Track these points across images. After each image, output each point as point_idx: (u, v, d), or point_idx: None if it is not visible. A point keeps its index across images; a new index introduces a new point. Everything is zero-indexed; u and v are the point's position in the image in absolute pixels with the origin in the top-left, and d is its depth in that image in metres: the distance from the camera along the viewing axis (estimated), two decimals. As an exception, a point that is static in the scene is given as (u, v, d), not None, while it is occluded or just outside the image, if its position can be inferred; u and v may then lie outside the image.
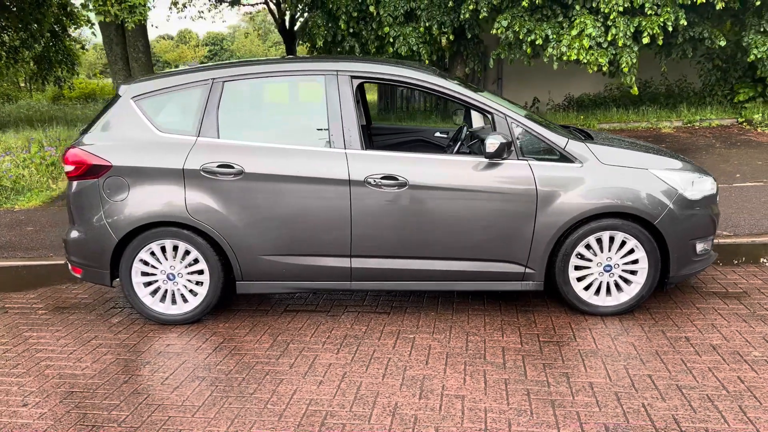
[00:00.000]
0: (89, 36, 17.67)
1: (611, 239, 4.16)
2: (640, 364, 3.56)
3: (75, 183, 4.27)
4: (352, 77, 4.19)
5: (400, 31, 11.80)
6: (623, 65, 10.26)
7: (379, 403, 3.22)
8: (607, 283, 4.24)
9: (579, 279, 4.24)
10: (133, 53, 13.19)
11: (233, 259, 4.21)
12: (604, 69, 10.48)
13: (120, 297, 4.89)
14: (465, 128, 4.74)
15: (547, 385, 3.37)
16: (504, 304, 4.50)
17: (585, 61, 10.22)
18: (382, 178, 4.06)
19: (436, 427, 3.00)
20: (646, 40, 10.07)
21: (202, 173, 4.10)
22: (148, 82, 4.33)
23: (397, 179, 4.06)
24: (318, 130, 4.21)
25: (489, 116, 4.15)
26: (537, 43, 10.50)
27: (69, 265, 4.50)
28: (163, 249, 4.24)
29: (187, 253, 4.24)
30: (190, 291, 4.31)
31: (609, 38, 10.11)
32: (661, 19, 9.95)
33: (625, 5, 9.96)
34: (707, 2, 10.35)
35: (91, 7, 8.33)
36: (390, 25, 11.78)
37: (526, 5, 10.09)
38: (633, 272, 4.21)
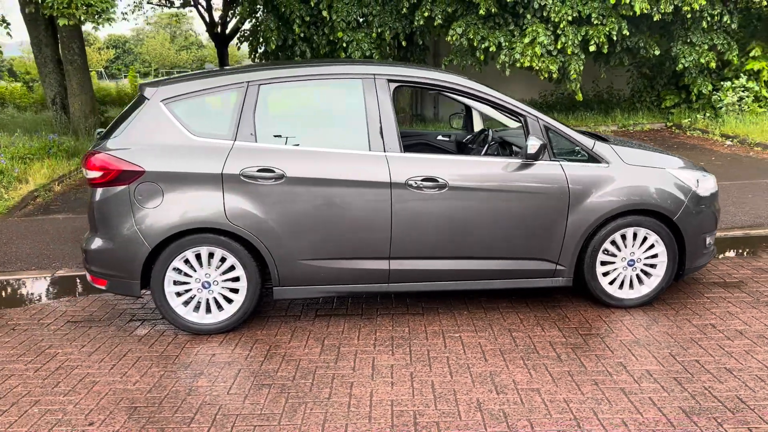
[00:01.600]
0: None
1: (634, 235, 4.40)
2: (683, 350, 3.80)
3: (100, 190, 4.07)
4: (389, 81, 4.23)
5: (353, 37, 11.86)
6: (572, 72, 10.79)
7: (461, 401, 3.28)
8: (630, 277, 4.48)
9: (604, 274, 4.46)
10: (67, 55, 12.56)
11: (271, 264, 4.14)
12: (555, 75, 10.97)
13: (136, 308, 4.68)
14: (489, 131, 4.87)
15: (608, 374, 3.54)
16: (529, 300, 4.66)
17: (537, 67, 10.66)
18: (422, 180, 4.12)
19: (528, 419, 3.09)
20: (593, 48, 10.63)
21: (242, 178, 4.02)
22: (177, 84, 4.18)
23: (437, 181, 4.14)
24: (357, 133, 4.21)
25: (522, 119, 4.30)
26: (490, 50, 10.85)
27: (89, 275, 4.27)
28: (198, 256, 4.11)
29: (222, 260, 4.13)
30: (225, 298, 4.21)
31: (559, 46, 10.59)
32: (607, 29, 10.54)
33: (574, 15, 10.48)
34: (645, 14, 11.05)
35: (55, 9, 7.87)
36: (343, 30, 11.82)
37: (483, 13, 10.41)
38: (652, 266, 4.48)
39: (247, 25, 15.39)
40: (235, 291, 4.20)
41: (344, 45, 11.94)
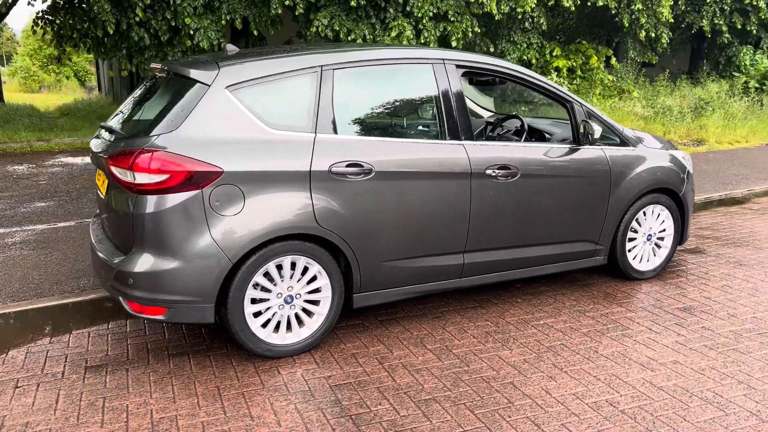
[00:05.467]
0: None
1: (651, 211, 4.81)
2: (736, 311, 4.27)
3: (155, 197, 3.27)
4: (457, 66, 4.05)
5: (200, 23, 10.93)
6: (432, 66, 11.21)
7: (634, 383, 3.30)
8: (647, 251, 4.88)
9: (629, 250, 4.80)
10: None
11: (356, 269, 3.73)
12: (416, 69, 11.29)
13: (156, 340, 3.86)
14: (522, 118, 4.88)
15: (708, 338, 3.84)
16: (560, 282, 4.83)
17: (403, 60, 10.87)
18: (498, 168, 4.04)
19: (712, 391, 3.23)
20: (454, 44, 11.16)
21: (330, 175, 3.55)
22: (240, 67, 3.53)
23: (509, 168, 4.09)
24: (432, 121, 3.98)
25: (568, 105, 4.41)
26: (357, 42, 10.80)
27: (129, 305, 3.42)
28: (278, 268, 3.55)
29: (305, 269, 3.61)
30: (306, 312, 3.70)
31: (422, 40, 10.94)
32: (464, 25, 11.15)
33: (434, 11, 10.90)
34: (485, 13, 11.91)
35: None
36: (189, 15, 10.82)
37: (354, 5, 10.31)
38: (661, 238, 4.94)
39: (41, 5, 13.25)
40: (315, 303, 3.71)
41: (190, 32, 10.94)
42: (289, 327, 3.64)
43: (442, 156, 3.88)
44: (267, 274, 3.52)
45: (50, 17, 12.55)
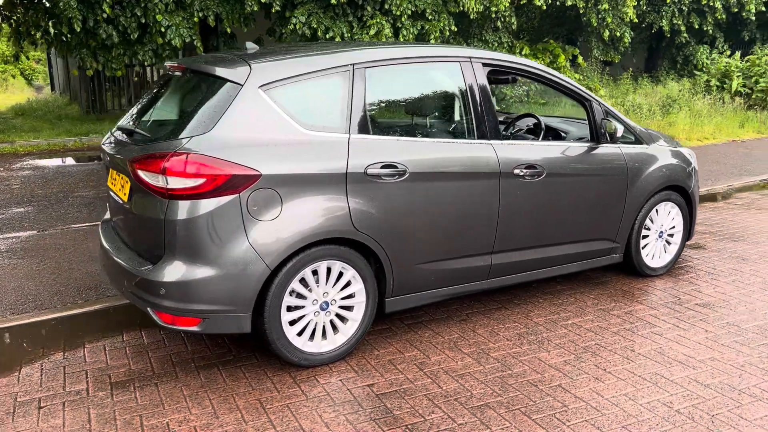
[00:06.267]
0: None
1: (664, 209, 4.85)
2: (753, 305, 4.33)
3: (190, 203, 3.10)
4: (484, 65, 3.99)
5: (172, 20, 10.58)
6: (409, 64, 11.15)
7: (680, 382, 3.30)
8: (658, 248, 4.92)
9: (643, 247, 4.83)
10: None
11: (389, 272, 3.63)
12: (394, 67, 11.21)
13: (177, 351, 3.69)
14: (540, 118, 4.84)
15: (737, 334, 3.88)
16: (573, 281, 4.83)
17: (381, 59, 10.77)
18: (525, 167, 4.00)
19: (757, 384, 3.26)
20: (433, 41, 11.12)
21: (366, 176, 3.44)
22: (274, 65, 3.38)
23: (536, 168, 4.05)
24: (460, 120, 3.91)
25: (587, 104, 4.40)
26: (335, 40, 10.65)
27: (159, 316, 3.24)
28: (314, 273, 3.42)
29: (340, 274, 3.50)
30: (340, 319, 3.58)
31: (401, 38, 10.86)
32: (441, 24, 11.12)
33: (412, 9, 10.84)
34: (464, 12, 11.92)
35: None
36: (161, 12, 10.48)
37: (334, 2, 10.16)
38: (671, 235, 4.99)
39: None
40: (349, 309, 3.60)
41: (161, 29, 10.58)
42: (323, 335, 3.52)
43: (472, 156, 3.82)
44: (302, 280, 3.39)
45: (7, 13, 11.98)
